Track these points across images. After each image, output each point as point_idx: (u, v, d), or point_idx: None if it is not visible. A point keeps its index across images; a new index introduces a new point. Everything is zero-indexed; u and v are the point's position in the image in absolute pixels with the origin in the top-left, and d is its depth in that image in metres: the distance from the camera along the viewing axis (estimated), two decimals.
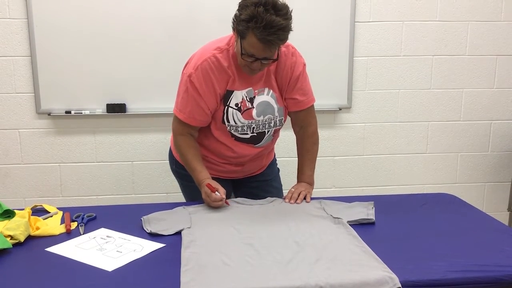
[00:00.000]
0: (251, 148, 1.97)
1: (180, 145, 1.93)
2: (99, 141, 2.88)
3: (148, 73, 2.77)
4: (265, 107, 1.90)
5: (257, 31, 1.63)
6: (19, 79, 2.75)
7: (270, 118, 1.92)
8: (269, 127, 1.94)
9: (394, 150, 3.12)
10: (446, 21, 2.97)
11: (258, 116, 1.89)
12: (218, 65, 1.80)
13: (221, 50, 1.82)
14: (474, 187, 3.24)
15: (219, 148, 1.97)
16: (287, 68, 1.88)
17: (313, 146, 2.07)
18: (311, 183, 2.06)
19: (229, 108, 1.86)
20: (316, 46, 2.86)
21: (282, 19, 1.63)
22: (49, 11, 2.65)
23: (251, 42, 1.67)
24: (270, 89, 1.90)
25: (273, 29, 1.62)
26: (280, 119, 1.96)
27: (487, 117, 3.15)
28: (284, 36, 1.67)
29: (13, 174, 2.86)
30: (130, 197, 2.96)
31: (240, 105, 1.86)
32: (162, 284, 1.34)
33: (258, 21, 1.61)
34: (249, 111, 1.87)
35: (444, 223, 1.80)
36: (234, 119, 1.87)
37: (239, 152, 1.96)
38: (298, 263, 1.43)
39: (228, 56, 1.82)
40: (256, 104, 1.88)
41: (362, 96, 3.01)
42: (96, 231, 1.71)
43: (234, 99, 1.85)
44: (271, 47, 1.69)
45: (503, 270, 1.42)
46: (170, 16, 2.72)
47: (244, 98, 1.86)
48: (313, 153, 2.07)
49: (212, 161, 2.02)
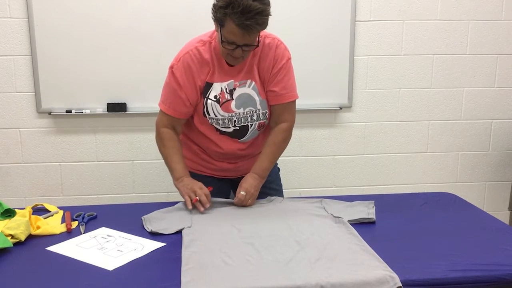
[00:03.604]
0: (236, 143, 1.96)
1: (162, 137, 1.94)
2: (99, 140, 2.88)
3: (148, 73, 2.76)
4: (246, 100, 1.89)
5: (235, 17, 1.64)
6: (19, 78, 2.75)
7: (252, 111, 1.91)
8: (251, 120, 1.92)
9: (394, 149, 3.12)
10: (446, 20, 2.97)
11: (238, 108, 1.89)
12: (200, 57, 1.83)
13: (203, 42, 1.85)
14: (475, 186, 3.24)
15: (206, 143, 1.97)
16: (270, 59, 1.87)
17: (282, 142, 1.98)
18: (264, 177, 1.96)
19: (208, 100, 1.87)
20: (317, 45, 2.86)
21: (259, 3, 1.64)
22: (49, 11, 2.65)
23: (230, 28, 1.68)
24: (252, 81, 1.89)
25: (250, 13, 1.63)
26: (264, 112, 1.93)
27: (487, 116, 3.14)
28: (262, 20, 1.67)
29: (14, 173, 2.86)
30: (130, 196, 2.96)
31: (218, 97, 1.87)
32: (163, 283, 1.34)
33: (235, 6, 1.62)
34: (227, 103, 1.87)
35: (444, 222, 1.80)
36: (213, 111, 1.88)
37: (225, 148, 1.96)
38: (298, 263, 1.43)
39: (210, 49, 1.84)
40: (236, 96, 1.88)
41: (362, 95, 3.01)
42: (97, 230, 1.72)
43: (213, 91, 1.86)
44: (249, 33, 1.68)
45: (504, 269, 1.42)
46: (171, 15, 2.72)
47: (223, 90, 1.86)
48: (278, 148, 1.98)
49: (205, 159, 2.02)
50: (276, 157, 2.01)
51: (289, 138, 2.02)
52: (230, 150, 1.97)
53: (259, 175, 1.95)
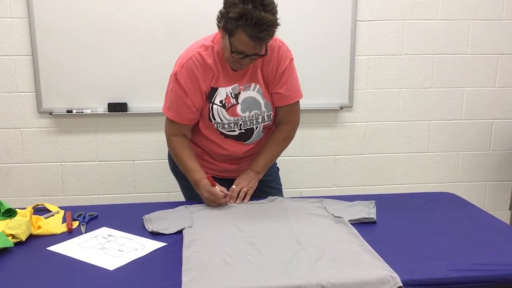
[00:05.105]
0: (241, 145, 1.96)
1: (174, 146, 1.94)
2: (100, 140, 2.88)
3: (149, 72, 2.77)
4: (251, 103, 1.89)
5: (248, 29, 1.63)
6: (20, 78, 2.75)
7: (257, 113, 1.91)
8: (257, 123, 1.93)
9: (395, 149, 3.12)
10: (447, 20, 2.97)
11: (244, 112, 1.89)
12: (203, 62, 1.82)
13: (206, 47, 1.83)
14: (476, 186, 3.24)
15: (210, 146, 1.97)
16: (273, 61, 1.87)
17: (282, 141, 2.01)
18: (260, 172, 2.00)
19: (214, 105, 1.87)
20: (318, 45, 2.86)
21: (270, 15, 1.64)
22: (50, 10, 2.65)
23: (241, 39, 1.67)
24: (257, 84, 1.89)
25: (263, 26, 1.63)
26: (268, 114, 1.94)
27: (488, 116, 3.14)
28: (273, 32, 1.69)
29: (15, 173, 2.87)
30: (131, 196, 2.96)
31: (224, 101, 1.86)
32: (164, 283, 1.34)
33: (248, 19, 1.61)
34: (233, 108, 1.87)
35: (445, 222, 1.80)
36: (219, 116, 1.88)
37: (230, 150, 1.96)
38: (299, 262, 1.43)
39: (213, 53, 1.83)
40: (241, 100, 1.88)
41: (363, 95, 3.01)
42: (98, 230, 1.72)
43: (219, 96, 1.86)
44: (261, 44, 1.70)
45: (504, 269, 1.42)
46: (171, 14, 2.72)
47: (228, 94, 1.86)
48: (277, 146, 2.01)
49: (207, 160, 2.02)
50: (274, 155, 2.03)
51: (290, 138, 2.03)
52: (234, 151, 1.97)
53: (253, 170, 1.99)
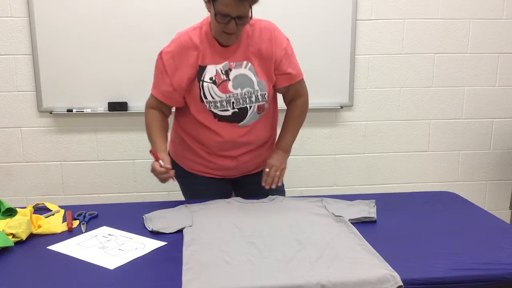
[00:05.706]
0: (235, 128, 1.94)
1: (147, 117, 1.99)
2: (100, 139, 2.88)
3: (149, 71, 2.73)
4: (242, 80, 1.89)
5: None
6: (20, 77, 2.75)
7: (250, 91, 1.91)
8: (250, 102, 1.92)
9: (395, 148, 3.12)
10: (447, 19, 2.97)
11: (235, 89, 1.89)
12: (190, 42, 1.87)
13: (194, 28, 1.90)
14: (476, 185, 3.24)
15: (204, 133, 1.96)
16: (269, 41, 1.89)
17: (299, 116, 2.07)
18: (288, 150, 2.06)
19: (204, 82, 1.88)
20: (318, 44, 2.86)
21: None
22: (50, 10, 2.65)
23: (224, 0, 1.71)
24: (249, 62, 1.90)
25: None
26: (262, 93, 1.93)
27: (489, 115, 3.14)
28: None
29: (15, 173, 2.87)
30: (131, 195, 2.96)
31: (214, 78, 1.88)
32: (164, 282, 1.34)
33: None
34: (224, 84, 1.88)
35: (445, 221, 1.80)
36: (210, 93, 1.88)
37: (225, 136, 1.94)
38: (299, 261, 1.43)
39: (200, 33, 1.88)
40: (233, 77, 1.89)
41: (363, 94, 3.01)
42: (98, 229, 1.72)
43: (208, 73, 1.88)
44: (243, 1, 1.72)
45: (505, 268, 1.42)
46: (172, 13, 2.72)
47: (218, 71, 1.88)
48: (297, 121, 2.07)
49: (205, 157, 2.01)
50: (296, 131, 2.08)
51: (305, 112, 2.09)
52: (230, 137, 1.95)
53: (281, 148, 2.04)
